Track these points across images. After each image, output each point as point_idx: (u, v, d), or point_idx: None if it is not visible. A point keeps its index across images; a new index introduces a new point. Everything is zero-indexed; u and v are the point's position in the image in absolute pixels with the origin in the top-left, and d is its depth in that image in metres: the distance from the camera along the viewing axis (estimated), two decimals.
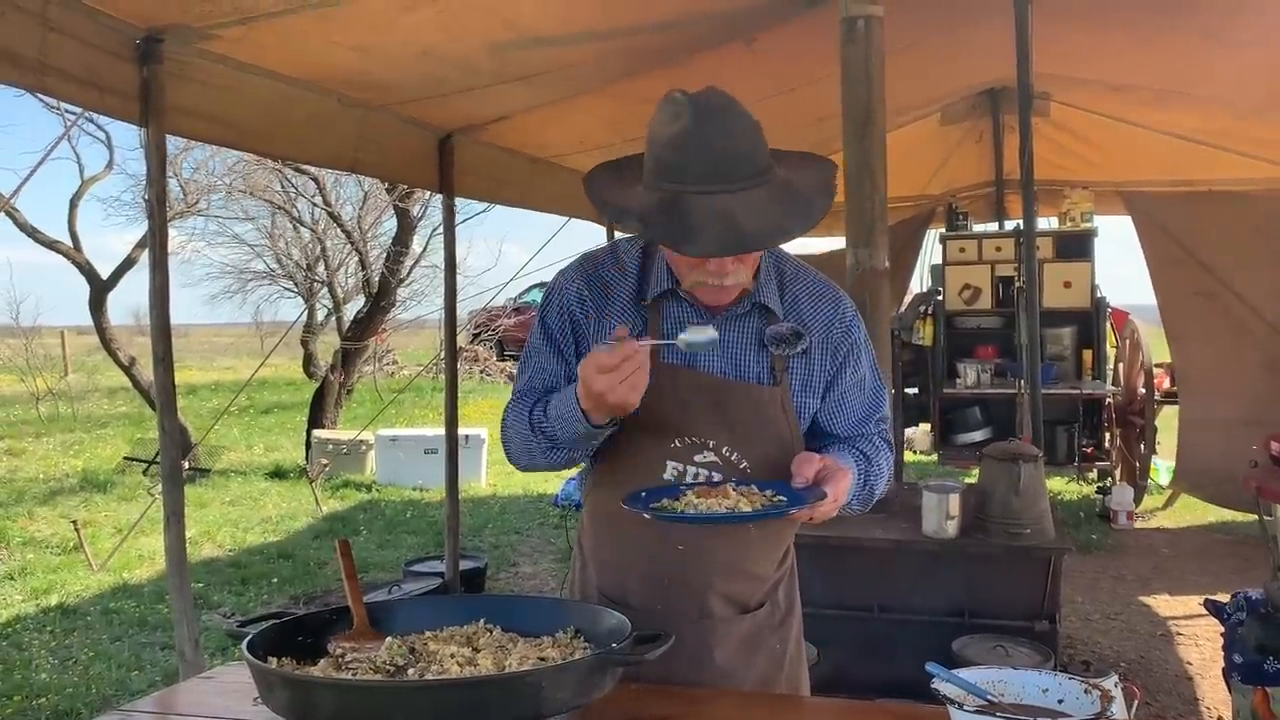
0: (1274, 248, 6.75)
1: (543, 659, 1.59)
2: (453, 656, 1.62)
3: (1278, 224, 6.73)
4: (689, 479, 1.80)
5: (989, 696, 1.49)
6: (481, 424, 10.25)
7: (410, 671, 1.57)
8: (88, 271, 9.95)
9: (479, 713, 1.42)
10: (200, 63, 3.29)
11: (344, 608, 1.76)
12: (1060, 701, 1.49)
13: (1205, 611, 2.97)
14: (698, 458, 1.79)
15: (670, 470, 1.80)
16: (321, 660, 1.64)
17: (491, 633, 1.73)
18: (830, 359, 1.86)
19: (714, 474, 1.79)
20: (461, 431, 5.58)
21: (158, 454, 8.64)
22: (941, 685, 1.48)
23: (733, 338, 1.81)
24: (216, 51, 3.30)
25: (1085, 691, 1.47)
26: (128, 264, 9.95)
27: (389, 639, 1.66)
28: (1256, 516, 5.61)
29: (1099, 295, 7.56)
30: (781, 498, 1.69)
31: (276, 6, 3.03)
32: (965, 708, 1.43)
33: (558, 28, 3.63)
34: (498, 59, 3.77)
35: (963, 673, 1.53)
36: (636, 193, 1.67)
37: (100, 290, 9.98)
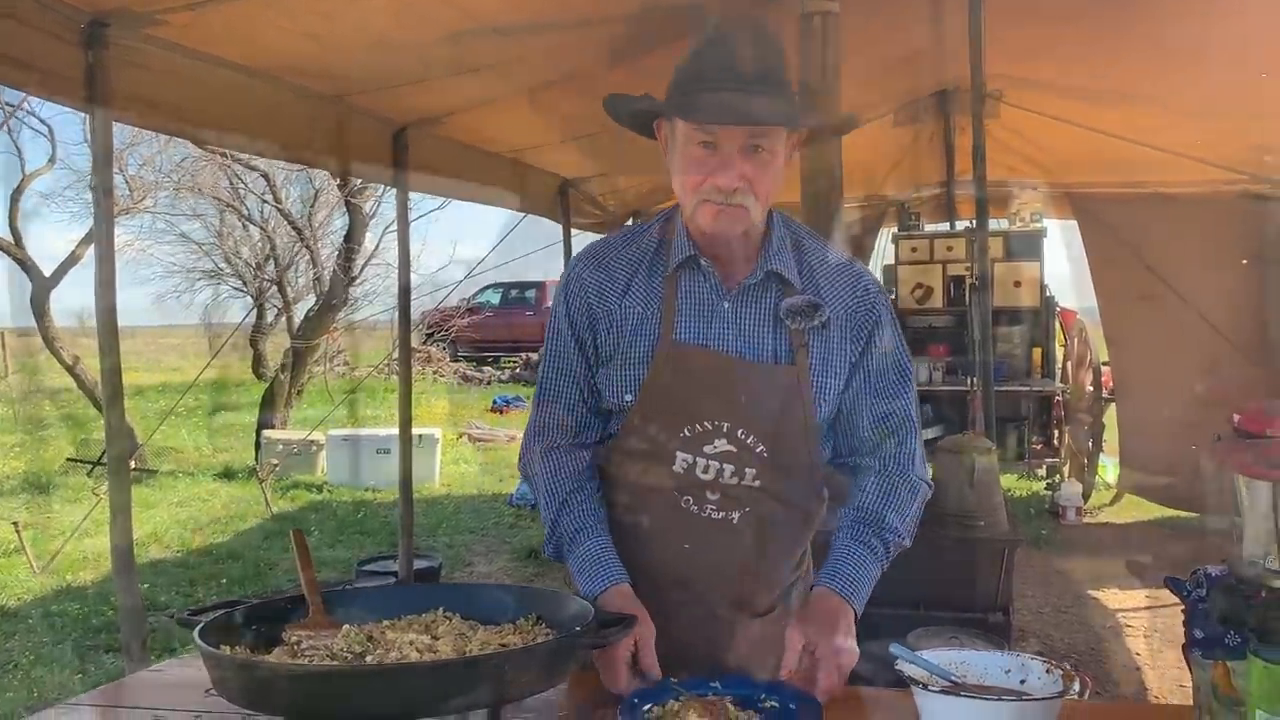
0: (1217, 250, 6.88)
1: (504, 645, 1.57)
2: (412, 643, 1.58)
3: (1221, 226, 6.86)
4: (699, 472, 1.73)
5: (953, 677, 1.49)
6: (434, 424, 10.15)
7: (369, 659, 1.53)
8: (30, 269, 9.71)
9: (440, 698, 1.39)
10: (147, 48, 3.22)
11: (299, 596, 1.72)
12: (1022, 681, 1.49)
13: (1150, 605, 3.03)
14: (708, 448, 1.72)
15: (680, 462, 1.73)
16: (276, 649, 1.59)
17: (451, 620, 1.70)
18: (853, 339, 1.75)
19: (725, 466, 1.72)
20: (416, 431, 5.52)
21: (102, 455, 8.47)
22: (906, 667, 1.48)
23: (747, 313, 1.73)
24: (164, 37, 3.23)
25: (1047, 671, 1.48)
26: (71, 261, 9.72)
27: (346, 627, 1.63)
28: (1197, 515, 5.72)
29: (1048, 295, 7.67)
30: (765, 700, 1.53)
31: None
32: (930, 688, 1.42)
33: (515, 17, 3.60)
34: (453, 49, 3.72)
35: (926, 654, 1.53)
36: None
37: (43, 288, 9.74)
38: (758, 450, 1.72)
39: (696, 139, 1.62)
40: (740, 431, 1.71)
